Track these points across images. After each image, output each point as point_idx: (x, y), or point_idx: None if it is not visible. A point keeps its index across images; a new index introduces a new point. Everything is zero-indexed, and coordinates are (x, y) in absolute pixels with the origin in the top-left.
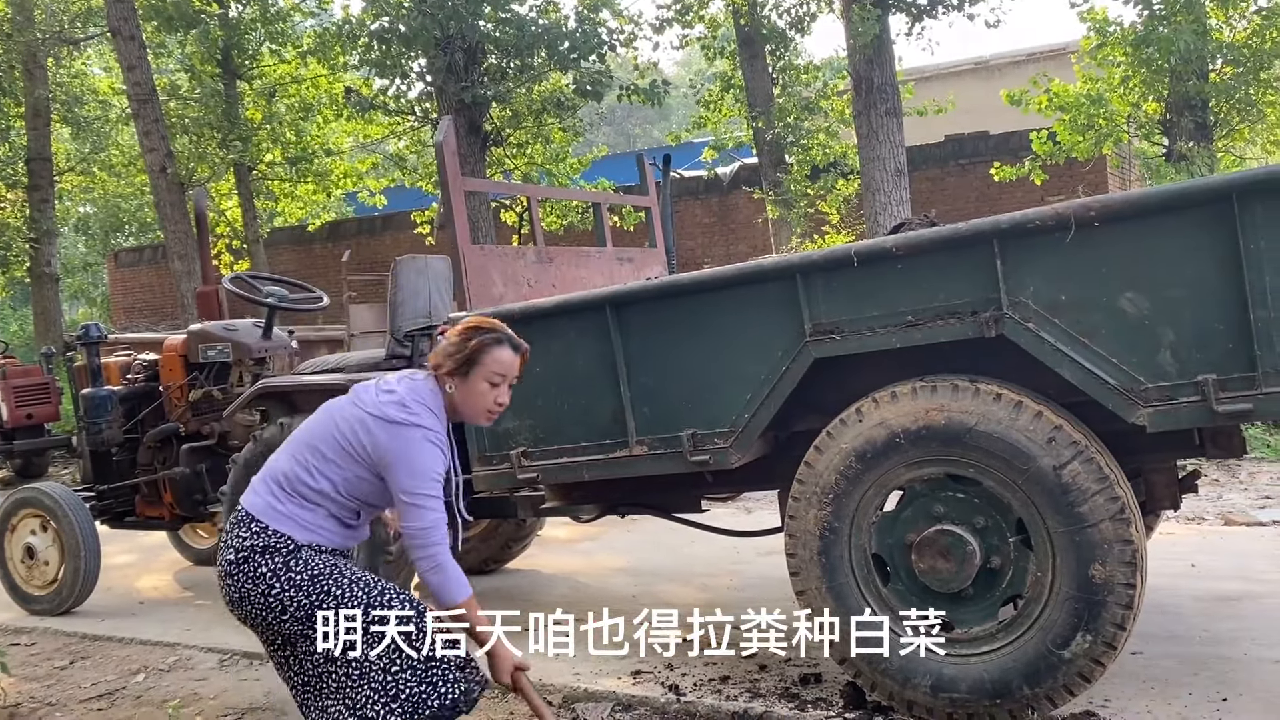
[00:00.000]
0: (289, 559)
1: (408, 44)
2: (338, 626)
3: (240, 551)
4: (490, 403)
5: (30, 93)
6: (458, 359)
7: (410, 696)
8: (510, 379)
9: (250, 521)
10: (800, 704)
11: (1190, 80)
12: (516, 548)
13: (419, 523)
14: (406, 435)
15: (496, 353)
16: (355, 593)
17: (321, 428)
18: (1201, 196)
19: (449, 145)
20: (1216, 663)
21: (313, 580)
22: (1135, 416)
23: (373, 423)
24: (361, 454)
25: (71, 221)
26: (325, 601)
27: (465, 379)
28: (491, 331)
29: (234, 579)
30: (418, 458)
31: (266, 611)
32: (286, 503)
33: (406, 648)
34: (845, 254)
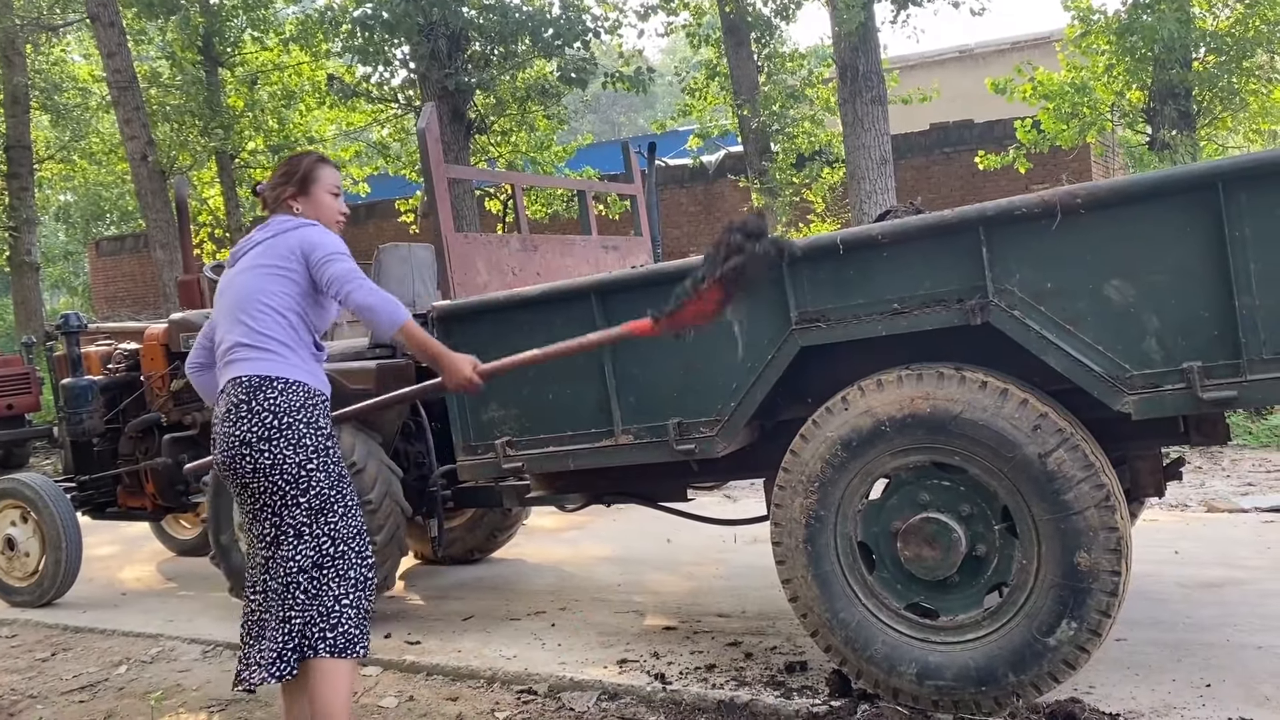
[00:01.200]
0: (329, 443)
1: (391, 31)
2: (325, 540)
3: (279, 414)
4: (337, 211)
5: (9, 79)
6: (296, 180)
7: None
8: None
9: (270, 382)
10: (786, 692)
11: (1174, 69)
12: (502, 537)
13: (347, 265)
14: (310, 229)
15: (328, 168)
16: (356, 516)
17: (245, 285)
18: (1187, 184)
19: (432, 132)
20: (1200, 649)
21: (340, 479)
22: (1120, 404)
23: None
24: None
25: (52, 210)
26: (337, 506)
27: (309, 196)
28: (311, 153)
29: (272, 444)
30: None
31: (292, 485)
32: (284, 353)
33: (358, 592)
34: (831, 242)
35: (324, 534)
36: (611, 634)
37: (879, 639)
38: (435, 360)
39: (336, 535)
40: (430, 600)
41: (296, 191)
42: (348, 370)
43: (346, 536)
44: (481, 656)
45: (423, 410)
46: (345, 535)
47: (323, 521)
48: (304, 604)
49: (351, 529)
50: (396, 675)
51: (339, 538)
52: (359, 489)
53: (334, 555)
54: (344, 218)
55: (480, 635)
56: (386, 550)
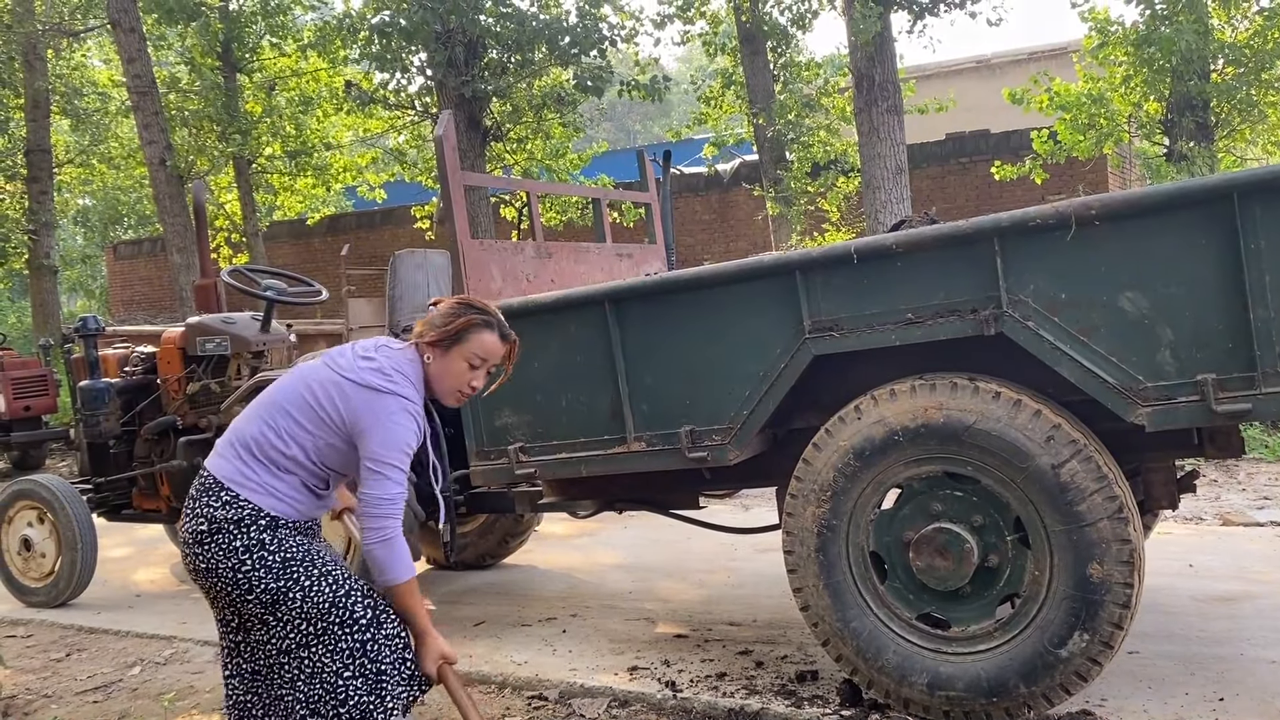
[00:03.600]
0: (263, 535)
1: (408, 38)
2: (298, 620)
3: (213, 522)
4: (464, 384)
5: (30, 84)
6: (444, 331)
7: (358, 704)
8: (490, 365)
9: (220, 489)
10: (796, 701)
11: (1191, 80)
12: (514, 543)
13: (381, 492)
14: (384, 403)
15: (484, 335)
16: (322, 587)
17: (293, 391)
18: (1202, 196)
19: (449, 139)
20: (1213, 663)
21: (284, 564)
22: (1134, 415)
23: (350, 388)
24: (335, 420)
25: (70, 214)
26: (292, 590)
27: (446, 353)
28: (483, 312)
29: (205, 549)
30: (393, 427)
31: (234, 588)
32: (258, 470)
33: (361, 657)
34: (845, 251)
35: (291, 616)
36: (622, 641)
37: (890, 649)
38: (417, 633)
39: (309, 615)
40: (442, 605)
41: (437, 341)
42: None
43: (320, 613)
44: (493, 662)
45: (435, 415)
46: (318, 613)
47: (282, 612)
48: (302, 683)
49: (323, 603)
50: None
51: (311, 617)
52: None
53: (314, 633)
54: (470, 392)
55: (491, 641)
56: None
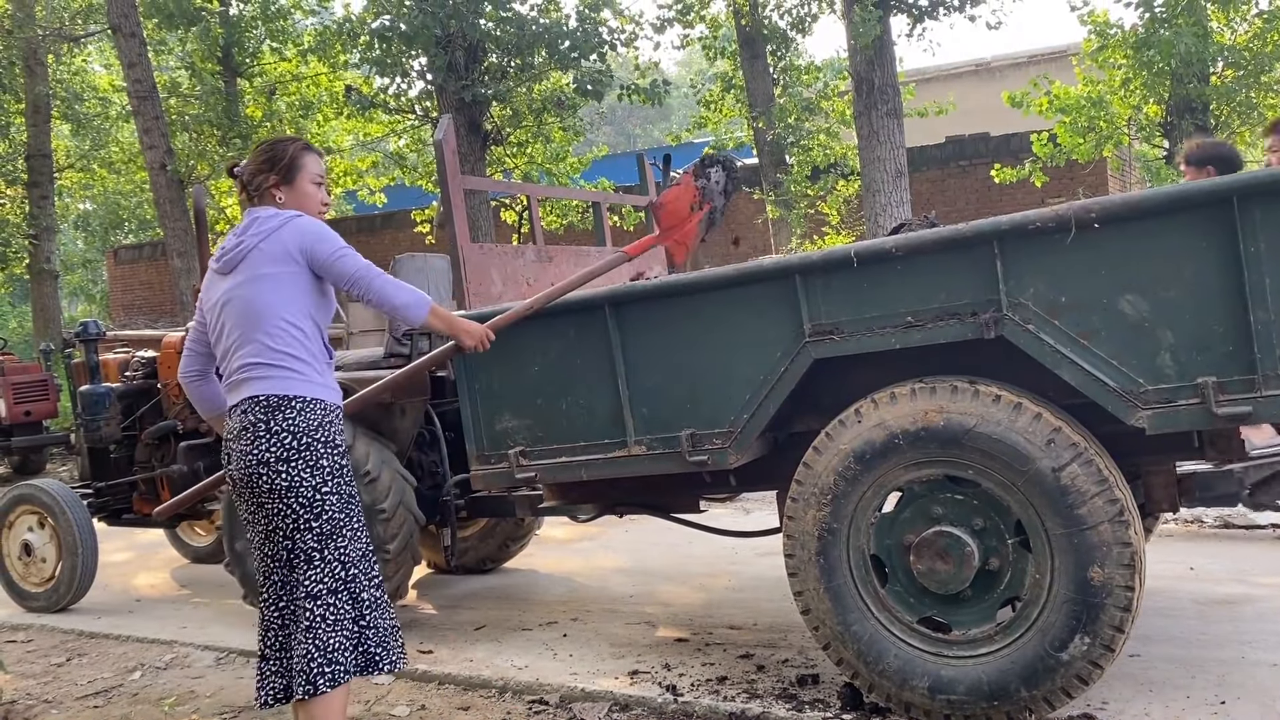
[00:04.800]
0: (342, 461)
1: (408, 42)
2: (336, 564)
3: (298, 435)
4: (319, 201)
5: (30, 89)
6: (281, 167)
7: (366, 652)
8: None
9: (289, 401)
10: (798, 705)
11: (1191, 83)
12: (515, 547)
13: (358, 261)
14: (299, 222)
15: (312, 156)
16: (361, 536)
17: (243, 299)
18: (1201, 199)
19: (449, 143)
20: (1214, 666)
21: (349, 500)
22: (1134, 419)
23: (272, 238)
24: (294, 266)
25: (71, 218)
26: (345, 529)
27: (293, 185)
28: (296, 141)
29: (292, 464)
30: (321, 227)
31: (305, 509)
32: (300, 369)
33: (372, 610)
34: (845, 255)
35: (335, 559)
36: (623, 645)
37: (891, 652)
38: (455, 329)
39: (347, 559)
40: (443, 609)
41: (279, 180)
42: (363, 379)
43: (356, 559)
44: (493, 666)
45: (436, 420)
46: (355, 558)
47: (333, 546)
48: (326, 628)
49: (359, 550)
50: (409, 684)
51: (349, 561)
52: (372, 498)
53: (345, 579)
54: (325, 208)
55: (492, 645)
56: (400, 559)
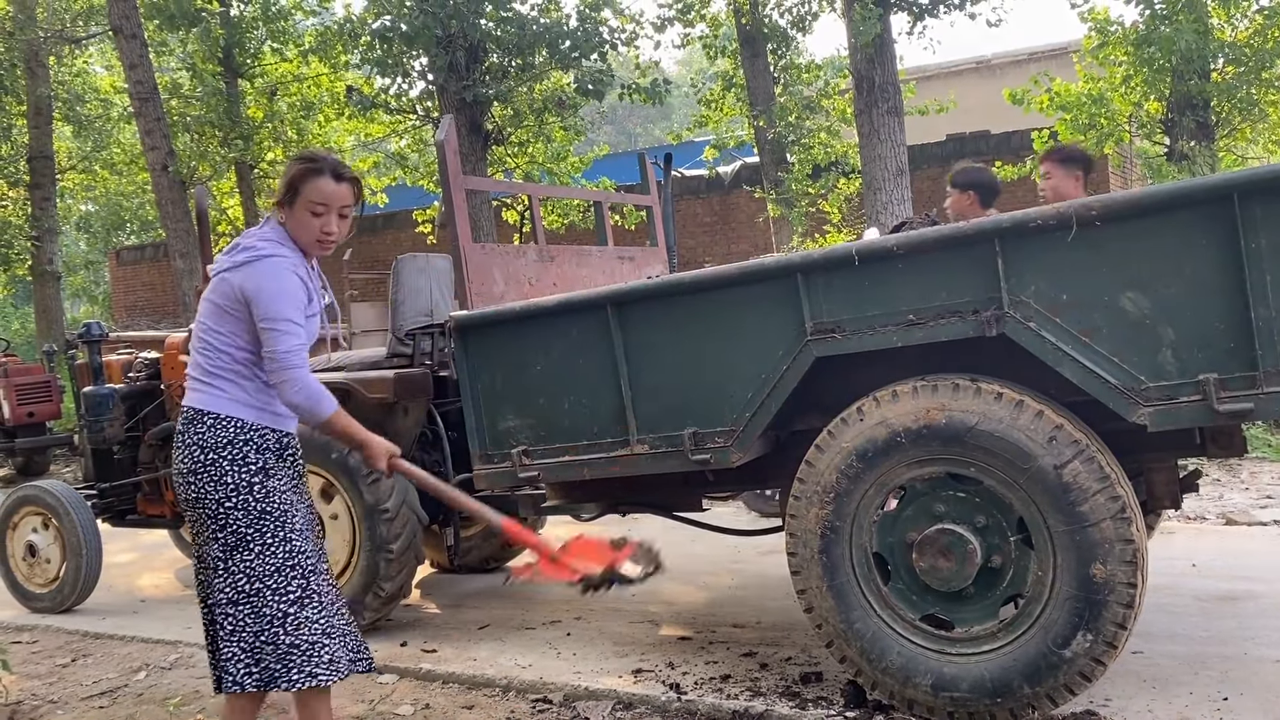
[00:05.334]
0: (254, 479)
1: (409, 42)
2: (241, 575)
3: (206, 449)
4: (317, 231)
5: (32, 91)
6: (282, 188)
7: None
8: (338, 208)
9: (202, 416)
10: (801, 702)
11: (1192, 80)
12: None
13: (280, 346)
14: (258, 267)
15: (317, 181)
16: (277, 551)
17: (203, 312)
18: (1202, 195)
19: (450, 144)
20: (1217, 662)
21: (260, 515)
22: (1136, 415)
23: (231, 275)
24: (239, 309)
25: (73, 219)
26: (254, 543)
27: (292, 209)
28: (311, 160)
29: (197, 478)
30: (272, 283)
31: (212, 521)
32: (225, 385)
33: (278, 626)
34: (846, 253)
35: (240, 572)
36: (626, 644)
37: (894, 650)
38: (359, 443)
39: (253, 573)
40: (446, 609)
41: (281, 200)
42: (365, 379)
43: (263, 574)
44: (497, 665)
45: (439, 419)
46: (262, 573)
47: (238, 559)
48: (224, 635)
49: (269, 566)
50: (413, 683)
51: (255, 575)
52: (376, 498)
53: (249, 593)
54: (327, 238)
55: (496, 644)
56: (403, 558)
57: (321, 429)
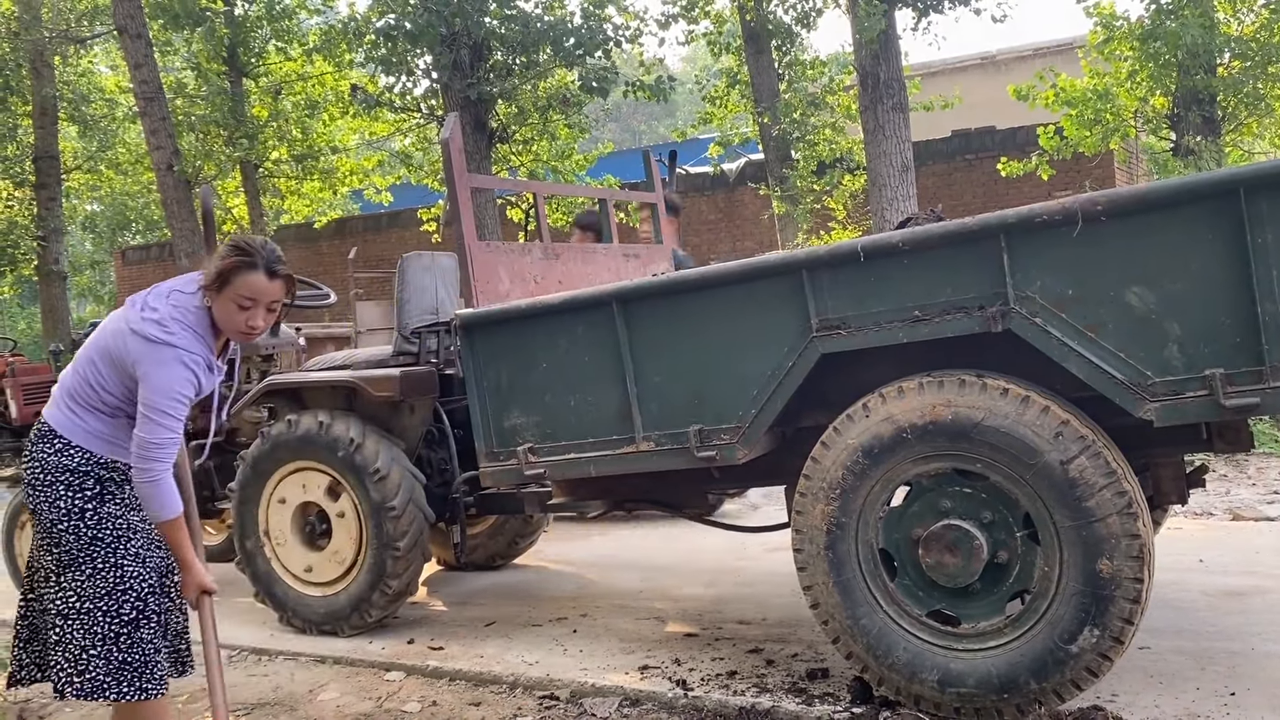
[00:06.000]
0: (87, 505)
1: (413, 41)
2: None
3: (47, 470)
4: (242, 324)
5: (37, 91)
6: (211, 275)
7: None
8: (266, 304)
9: (54, 436)
10: (807, 699)
11: (1198, 74)
12: (523, 544)
13: (150, 436)
14: (158, 353)
15: (248, 276)
16: (108, 575)
17: (99, 341)
18: (1208, 190)
19: (455, 142)
20: (1224, 657)
21: (91, 541)
22: (1142, 411)
23: (131, 339)
24: (122, 368)
25: (79, 219)
26: (84, 565)
27: (219, 296)
28: (246, 253)
29: (36, 492)
30: (164, 375)
31: (46, 536)
32: (85, 416)
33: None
34: (852, 249)
35: (70, 589)
36: (633, 640)
37: (900, 646)
38: (181, 563)
39: (83, 593)
40: (453, 606)
41: (209, 285)
42: (371, 378)
43: (94, 595)
44: (504, 662)
45: (445, 417)
46: (93, 594)
47: (69, 577)
48: (61, 644)
49: (100, 589)
50: (420, 680)
51: (85, 595)
52: (382, 495)
53: (80, 610)
54: (251, 331)
55: (502, 641)
56: (410, 556)
57: (157, 527)
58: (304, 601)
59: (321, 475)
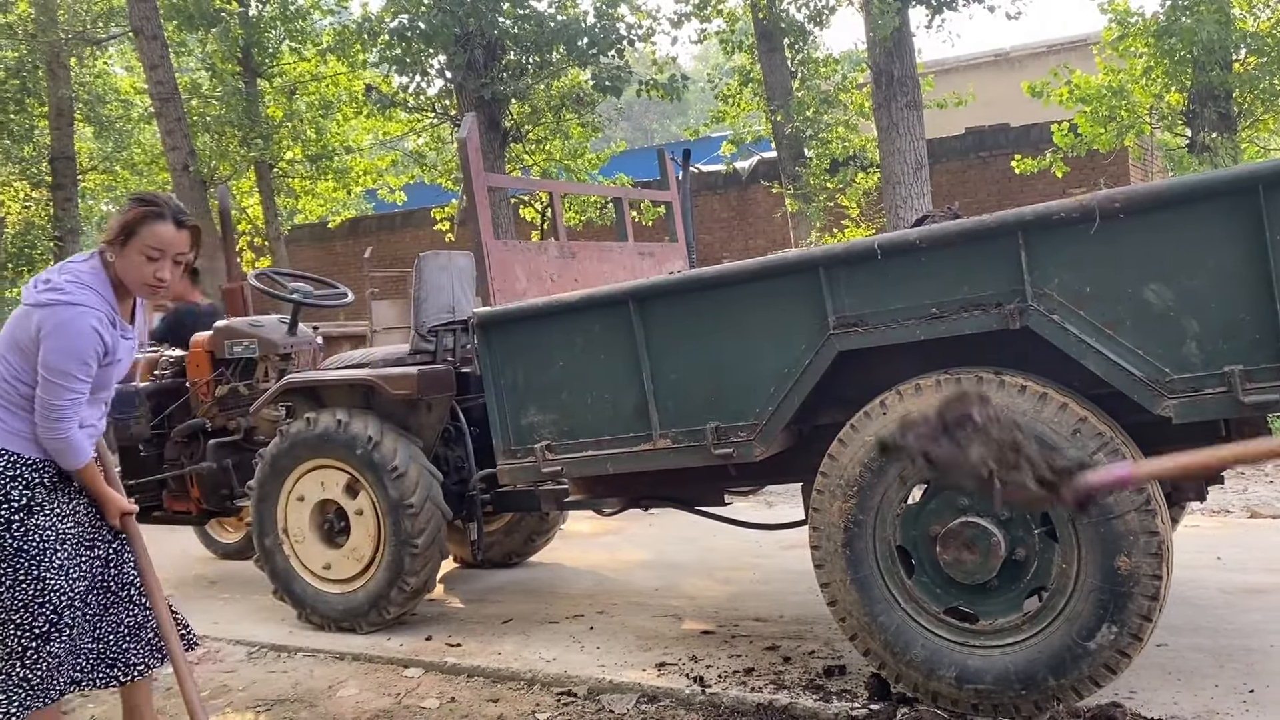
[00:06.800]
0: (13, 517)
1: (427, 41)
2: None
3: None
4: (149, 276)
5: (54, 92)
6: (116, 227)
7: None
8: (173, 255)
9: None
10: (825, 695)
11: (1213, 71)
12: (539, 541)
13: (53, 398)
14: (57, 315)
15: (156, 226)
16: (26, 589)
17: (5, 334)
18: (1226, 187)
19: (472, 141)
20: (1243, 654)
21: (14, 554)
22: (1161, 408)
23: (32, 312)
24: (30, 347)
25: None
26: (3, 577)
27: (123, 249)
28: (153, 204)
29: None
30: (65, 335)
31: None
32: (4, 416)
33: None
34: (869, 247)
35: None
36: (650, 637)
37: (918, 643)
38: (96, 496)
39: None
40: (470, 603)
41: (113, 239)
42: (389, 376)
43: (10, 608)
44: (521, 659)
45: (462, 415)
46: (9, 607)
47: None
48: None
49: (17, 601)
50: (438, 677)
51: (2, 607)
52: (400, 493)
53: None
54: (159, 284)
55: (520, 638)
56: (427, 553)
57: (73, 474)
58: (322, 598)
59: (340, 473)
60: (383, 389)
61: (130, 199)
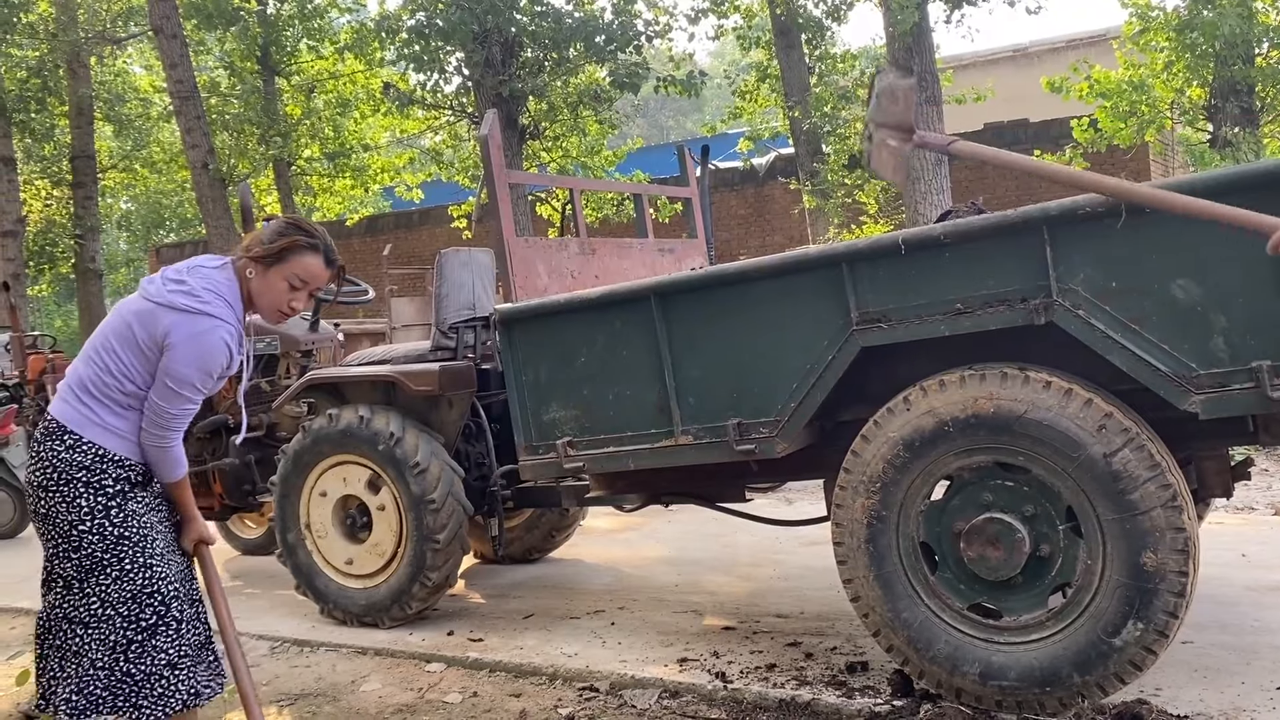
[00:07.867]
0: (111, 503)
1: (445, 38)
2: (94, 600)
3: (59, 468)
4: (284, 303)
5: (74, 91)
6: (268, 248)
7: (91, 694)
8: (312, 288)
9: (64, 433)
10: (847, 691)
11: (1235, 65)
12: (560, 537)
13: (170, 406)
14: (194, 324)
15: (307, 257)
16: (135, 579)
17: (116, 327)
18: (1255, 182)
19: (494, 138)
20: (1269, 651)
21: (118, 540)
22: (1187, 403)
23: (160, 313)
24: (151, 348)
25: (114, 218)
26: (110, 568)
27: (268, 271)
28: (309, 234)
29: (48, 494)
30: (197, 346)
31: (64, 541)
32: (97, 410)
33: (119, 654)
34: (892, 242)
35: (94, 594)
36: (671, 633)
37: (942, 639)
38: (184, 518)
39: (108, 598)
40: (491, 599)
41: (261, 257)
42: (410, 372)
43: (117, 600)
44: (543, 654)
45: (483, 411)
46: (117, 599)
47: (93, 581)
48: (73, 657)
49: (125, 592)
50: (461, 671)
51: (109, 601)
52: (422, 489)
53: (100, 618)
54: (292, 312)
55: (541, 633)
56: (449, 549)
57: (165, 486)
58: (345, 593)
59: (362, 469)
60: (405, 385)
61: (287, 223)
